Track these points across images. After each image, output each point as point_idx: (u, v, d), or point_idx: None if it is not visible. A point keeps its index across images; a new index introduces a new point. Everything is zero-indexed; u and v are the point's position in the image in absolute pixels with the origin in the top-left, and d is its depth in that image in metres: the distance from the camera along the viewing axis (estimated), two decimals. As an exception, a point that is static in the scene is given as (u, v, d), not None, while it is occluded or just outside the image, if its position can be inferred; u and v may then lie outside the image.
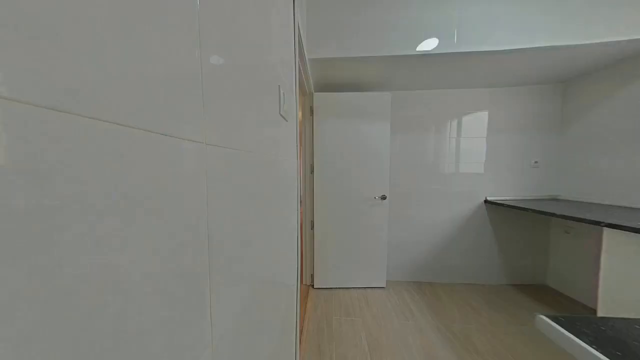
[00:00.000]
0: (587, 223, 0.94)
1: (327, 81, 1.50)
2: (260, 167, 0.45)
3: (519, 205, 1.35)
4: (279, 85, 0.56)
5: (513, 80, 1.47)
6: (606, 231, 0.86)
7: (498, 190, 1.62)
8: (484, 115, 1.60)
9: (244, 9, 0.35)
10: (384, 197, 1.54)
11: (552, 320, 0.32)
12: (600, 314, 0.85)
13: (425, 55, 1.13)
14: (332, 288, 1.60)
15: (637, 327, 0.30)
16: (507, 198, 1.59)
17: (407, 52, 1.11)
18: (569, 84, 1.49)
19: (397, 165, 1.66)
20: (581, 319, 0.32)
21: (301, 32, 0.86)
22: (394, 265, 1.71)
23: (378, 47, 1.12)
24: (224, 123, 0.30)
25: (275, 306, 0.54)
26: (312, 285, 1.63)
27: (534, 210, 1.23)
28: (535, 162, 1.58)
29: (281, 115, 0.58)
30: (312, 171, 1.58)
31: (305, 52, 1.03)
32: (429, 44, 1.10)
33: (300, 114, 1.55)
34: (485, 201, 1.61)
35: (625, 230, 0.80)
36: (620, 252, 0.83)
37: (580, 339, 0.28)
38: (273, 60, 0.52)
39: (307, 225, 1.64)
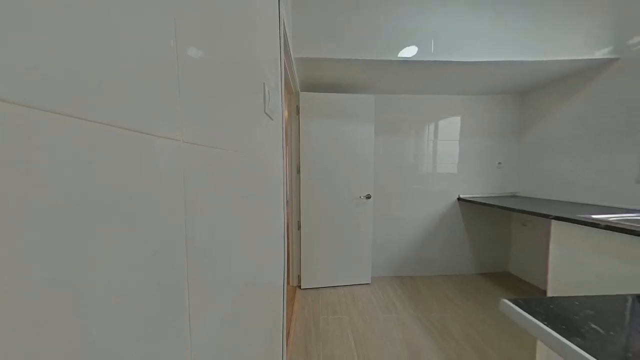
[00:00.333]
0: (538, 216, 1.08)
1: (313, 81, 1.50)
2: (245, 166, 0.43)
3: (486, 202, 1.50)
4: (264, 83, 0.55)
5: (481, 90, 1.63)
6: (554, 223, 0.99)
7: (469, 188, 1.77)
8: (457, 120, 1.75)
9: (224, 1, 0.34)
10: (368, 197, 1.59)
11: (513, 303, 0.36)
12: (549, 294, 0.98)
13: (406, 62, 1.19)
14: (319, 288, 1.61)
15: (576, 303, 0.36)
16: (477, 196, 1.75)
17: (389, 58, 1.17)
18: (525, 95, 1.70)
19: (381, 166, 1.73)
20: (535, 300, 0.36)
21: (287, 30, 0.85)
22: (379, 261, 1.78)
23: (362, 51, 1.16)
24: (203, 120, 0.28)
25: (261, 310, 0.53)
26: (299, 286, 1.62)
27: (498, 206, 1.38)
28: (499, 163, 1.77)
29: (266, 113, 0.57)
30: (298, 171, 1.57)
31: (291, 50, 1.01)
32: (409, 51, 1.17)
33: (286, 113, 1.53)
34: (459, 199, 1.76)
35: (568, 222, 0.94)
36: (565, 241, 0.97)
37: (534, 318, 0.32)
38: (258, 57, 0.51)
39: (294, 226, 1.63)
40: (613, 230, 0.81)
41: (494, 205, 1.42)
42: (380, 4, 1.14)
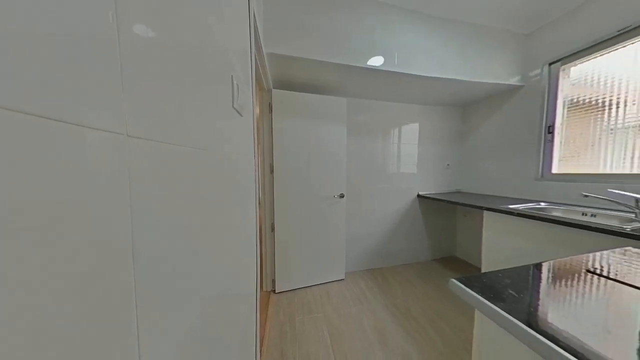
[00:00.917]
0: (474, 208, 1.34)
1: (286, 79, 1.47)
2: (209, 165, 0.39)
3: (438, 198, 1.76)
4: (232, 75, 0.51)
5: (434, 101, 1.90)
6: (485, 213, 1.24)
7: (426, 186, 2.04)
8: (416, 127, 1.99)
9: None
10: (342, 196, 1.65)
11: (458, 282, 0.43)
12: (483, 271, 1.21)
13: (374, 70, 1.29)
14: (294, 289, 1.59)
15: (500, 275, 0.45)
16: (432, 192, 2.03)
17: (359, 64, 1.24)
18: (465, 108, 2.06)
19: (353, 166, 1.82)
20: (473, 277, 0.44)
21: (257, 22, 0.81)
22: (351, 257, 1.87)
23: (334, 54, 1.19)
24: (155, 112, 0.24)
25: (231, 321, 0.49)
26: (274, 290, 1.56)
27: (446, 201, 1.64)
28: (448, 165, 2.09)
29: (235, 108, 0.53)
30: (272, 171, 1.51)
31: (262, 44, 0.97)
32: (376, 61, 1.27)
33: (258, 110, 1.46)
34: (418, 195, 2.00)
35: (494, 211, 1.18)
36: (492, 227, 1.22)
37: (472, 291, 0.40)
38: (224, 46, 0.47)
39: (267, 228, 1.56)
40: (521, 217, 1.06)
41: (443, 200, 1.68)
42: (350, 14, 1.20)
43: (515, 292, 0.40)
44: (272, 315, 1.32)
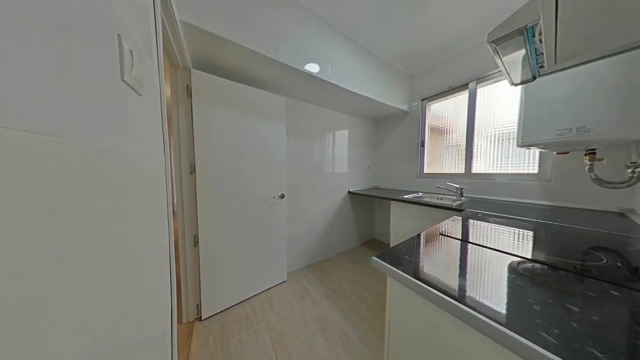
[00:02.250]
0: (385, 199, 1.77)
1: (216, 63, 1.24)
2: (73, 162, 0.26)
3: (362, 193, 2.15)
4: (120, 35, 0.36)
5: (358, 113, 2.29)
6: (392, 203, 1.67)
7: (354, 184, 2.43)
8: (346, 133, 2.31)
9: None
10: (282, 196, 1.62)
11: (377, 257, 0.55)
12: (391, 246, 1.62)
13: (311, 76, 1.37)
14: (228, 308, 1.38)
15: (400, 247, 0.62)
16: (358, 189, 2.44)
17: (297, 66, 1.27)
18: (378, 121, 2.65)
19: (293, 166, 1.84)
20: (385, 251, 0.58)
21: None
22: (293, 256, 1.89)
23: (271, 49, 1.15)
24: None
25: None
26: (199, 318, 1.28)
27: (368, 195, 2.05)
28: (368, 166, 2.61)
29: (126, 82, 0.38)
30: (192, 171, 1.22)
31: (174, 8, 0.76)
32: (313, 67, 1.35)
33: (169, 91, 1.13)
34: (349, 192, 2.35)
35: (396, 201, 1.63)
36: (396, 212, 1.66)
37: (385, 262, 0.52)
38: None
39: (188, 243, 1.25)
40: (410, 203, 1.52)
41: (366, 194, 2.09)
42: (288, 14, 1.20)
43: (408, 256, 0.56)
44: (198, 349, 1.07)
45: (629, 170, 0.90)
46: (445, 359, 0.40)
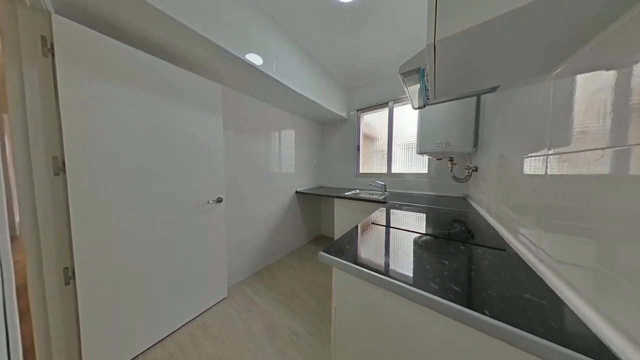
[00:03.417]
0: (330, 197, 1.94)
1: (113, 21, 0.87)
2: None
3: (309, 192, 2.24)
4: None
5: (304, 114, 2.35)
6: (335, 200, 1.84)
7: (301, 184, 2.48)
8: (293, 133, 2.31)
9: None
10: (220, 200, 1.40)
11: (323, 252, 0.59)
12: (335, 239, 1.79)
13: (253, 68, 1.26)
14: (140, 354, 1.03)
15: (342, 239, 0.70)
16: (305, 189, 2.51)
17: (235, 52, 1.13)
18: (323, 124, 2.84)
19: (234, 165, 1.63)
20: (330, 245, 0.64)
21: None
22: (236, 266, 1.68)
23: (199, 23, 0.96)
24: None
25: None
26: (83, 386, 0.87)
27: (315, 194, 2.15)
28: (314, 166, 2.74)
29: None
30: (60, 170, 0.82)
31: None
32: (256, 59, 1.25)
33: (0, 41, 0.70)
34: (296, 192, 2.37)
35: (339, 198, 1.81)
36: (339, 208, 1.85)
37: (330, 255, 0.57)
38: None
39: (52, 281, 0.82)
40: (349, 199, 1.74)
41: (312, 193, 2.18)
42: (221, -11, 1.04)
43: (349, 246, 0.64)
44: None
45: (467, 171, 1.46)
46: (381, 325, 0.49)
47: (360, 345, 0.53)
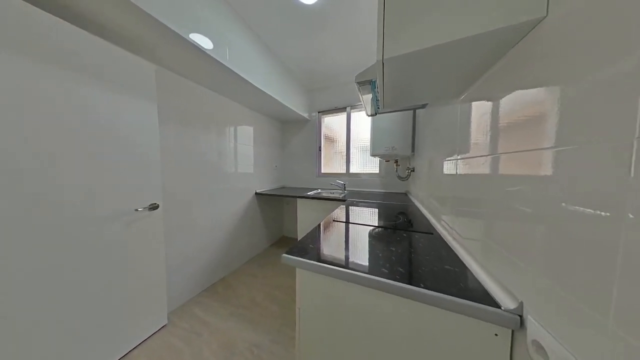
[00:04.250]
0: (292, 198, 1.91)
1: None
2: None
3: (270, 193, 2.14)
4: None
5: (264, 111, 2.22)
6: (298, 200, 1.84)
7: (261, 184, 2.33)
8: (251, 130, 2.14)
9: None
10: (154, 207, 1.13)
11: (286, 254, 0.57)
12: (299, 239, 1.79)
13: (200, 51, 1.09)
14: None
15: (305, 238, 0.70)
16: (266, 190, 2.38)
17: (177, 30, 0.95)
18: (284, 123, 2.77)
19: (176, 165, 1.36)
20: (294, 246, 0.63)
21: None
22: (179, 285, 1.41)
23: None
24: None
25: None
26: None
27: (277, 195, 2.08)
28: (275, 166, 2.64)
29: None
30: None
31: None
32: (204, 42, 1.08)
33: None
34: (256, 193, 2.21)
35: (301, 198, 1.82)
36: (302, 208, 1.85)
37: (294, 256, 0.56)
38: None
39: None
40: (312, 199, 1.77)
41: (274, 194, 2.10)
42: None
43: (312, 245, 0.65)
44: None
45: (407, 171, 1.76)
46: (342, 316, 0.52)
47: (323, 341, 0.55)
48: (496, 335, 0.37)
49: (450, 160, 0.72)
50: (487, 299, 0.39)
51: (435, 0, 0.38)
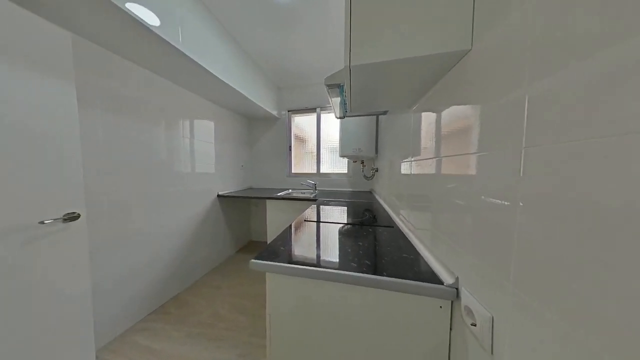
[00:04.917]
0: (261, 199, 1.81)
1: None
2: None
3: (236, 195, 1.97)
4: None
5: (227, 105, 2.02)
6: (267, 201, 1.76)
7: (225, 186, 2.12)
8: (211, 125, 1.92)
9: None
10: (72, 217, 0.87)
11: (255, 259, 0.54)
12: (269, 242, 1.71)
13: (146, 29, 0.91)
14: None
15: (276, 241, 0.68)
16: (231, 191, 2.18)
17: (106, -3, 0.76)
18: (252, 120, 2.59)
19: (105, 162, 1.08)
20: (264, 250, 0.60)
21: None
22: (114, 311, 1.14)
23: None
24: None
25: None
26: None
27: (243, 197, 1.94)
28: (242, 165, 2.45)
29: None
30: None
31: None
32: (148, 16, 0.91)
33: None
34: (218, 195, 1.99)
35: (271, 199, 1.75)
36: (272, 209, 1.78)
37: (263, 260, 0.54)
38: None
39: None
40: (282, 199, 1.72)
41: (240, 196, 1.94)
42: None
43: (283, 247, 0.64)
44: None
45: (372, 171, 1.92)
46: (313, 315, 0.53)
47: (295, 342, 0.54)
48: (440, 307, 0.45)
49: (406, 161, 0.83)
50: (435, 278, 0.46)
51: (392, 23, 0.43)
